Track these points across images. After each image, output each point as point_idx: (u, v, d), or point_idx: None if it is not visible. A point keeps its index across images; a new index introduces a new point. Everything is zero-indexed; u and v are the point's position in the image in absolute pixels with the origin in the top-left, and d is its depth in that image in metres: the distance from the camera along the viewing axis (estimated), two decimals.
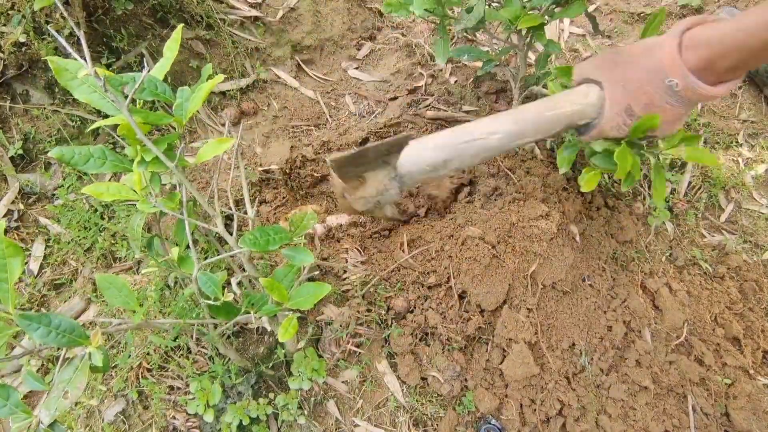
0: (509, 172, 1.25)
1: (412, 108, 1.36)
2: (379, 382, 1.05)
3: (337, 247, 1.17)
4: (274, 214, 1.24)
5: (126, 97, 0.59)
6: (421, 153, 0.85)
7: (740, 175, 1.40)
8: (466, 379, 1.04)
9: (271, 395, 1.01)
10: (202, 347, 1.06)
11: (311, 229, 1.20)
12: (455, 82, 1.44)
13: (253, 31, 1.46)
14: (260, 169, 1.25)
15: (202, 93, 0.65)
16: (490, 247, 1.06)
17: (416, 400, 1.03)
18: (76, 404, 1.01)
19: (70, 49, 0.57)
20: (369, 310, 1.06)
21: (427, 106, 1.37)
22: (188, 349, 1.06)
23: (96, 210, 1.17)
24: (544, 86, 1.29)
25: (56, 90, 1.20)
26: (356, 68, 1.51)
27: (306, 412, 1.02)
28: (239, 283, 1.03)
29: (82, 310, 1.11)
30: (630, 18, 1.69)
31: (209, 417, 0.96)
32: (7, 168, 1.16)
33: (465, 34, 1.51)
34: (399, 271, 1.12)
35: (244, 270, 0.83)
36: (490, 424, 1.00)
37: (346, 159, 0.78)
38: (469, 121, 1.37)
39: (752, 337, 1.15)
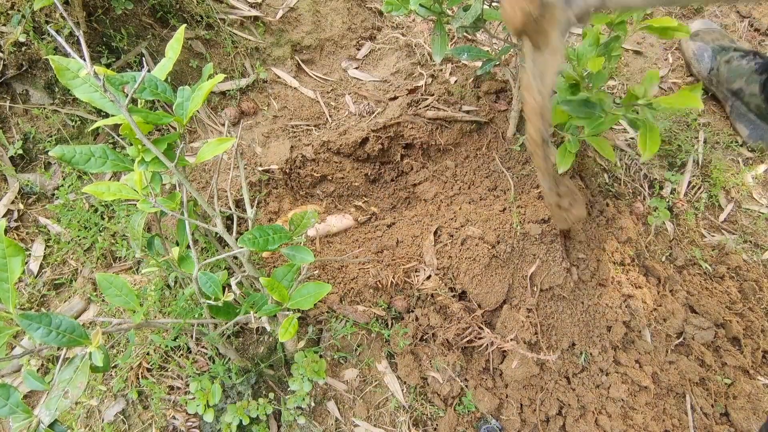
0: (507, 171, 1.25)
1: (412, 108, 1.36)
2: (379, 382, 1.05)
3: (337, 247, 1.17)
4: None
5: (126, 96, 0.59)
6: None
7: (740, 175, 1.40)
8: (466, 379, 1.04)
9: (271, 395, 1.01)
10: (202, 347, 1.06)
11: (313, 231, 1.20)
12: (455, 81, 1.44)
13: (253, 31, 1.46)
14: (260, 168, 1.25)
15: (203, 92, 0.65)
16: (489, 247, 1.07)
17: (416, 400, 1.03)
18: (76, 404, 1.01)
19: (69, 49, 0.57)
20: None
21: (427, 105, 1.37)
22: (188, 349, 1.06)
23: (96, 210, 1.17)
24: None
25: (56, 90, 1.20)
26: (356, 68, 1.51)
27: (306, 412, 1.02)
28: (239, 283, 1.03)
29: (82, 309, 1.11)
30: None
31: (209, 417, 0.96)
32: (7, 168, 1.16)
33: (465, 33, 1.50)
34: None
35: (244, 270, 0.83)
36: (490, 424, 1.00)
37: None
38: (469, 121, 1.36)
39: (752, 337, 1.15)
